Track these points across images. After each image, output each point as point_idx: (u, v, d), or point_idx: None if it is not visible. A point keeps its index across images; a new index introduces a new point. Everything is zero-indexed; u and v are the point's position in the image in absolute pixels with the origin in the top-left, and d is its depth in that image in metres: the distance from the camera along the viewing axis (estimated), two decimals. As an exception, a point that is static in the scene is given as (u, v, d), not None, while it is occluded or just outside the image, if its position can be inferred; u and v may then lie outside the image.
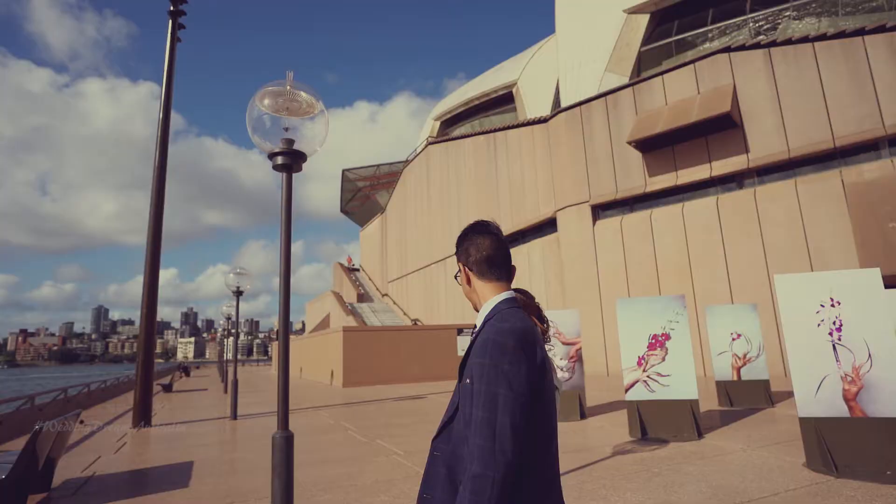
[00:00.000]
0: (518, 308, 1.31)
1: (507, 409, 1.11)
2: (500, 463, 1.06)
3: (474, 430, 1.12)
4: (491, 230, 1.42)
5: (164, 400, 16.05)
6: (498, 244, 1.40)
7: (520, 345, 1.18)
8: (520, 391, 1.13)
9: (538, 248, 22.32)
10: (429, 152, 32.45)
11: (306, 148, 3.94)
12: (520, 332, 1.20)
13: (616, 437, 6.84)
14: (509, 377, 1.13)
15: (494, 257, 1.38)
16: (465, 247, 1.42)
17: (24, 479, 4.60)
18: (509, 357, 1.15)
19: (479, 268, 1.38)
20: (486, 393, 1.13)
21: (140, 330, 10.70)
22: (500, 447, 1.07)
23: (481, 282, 1.39)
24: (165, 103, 11.06)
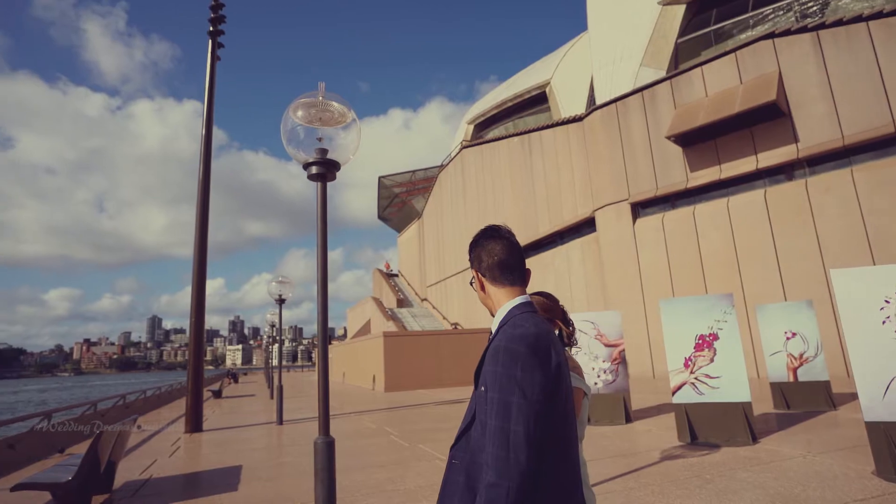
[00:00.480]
0: (532, 312, 1.29)
1: (520, 417, 1.09)
2: (515, 472, 1.05)
3: (489, 439, 1.10)
4: (502, 234, 1.40)
5: (215, 406, 16.63)
6: (510, 248, 1.38)
7: (531, 351, 1.15)
8: (533, 398, 1.11)
9: (577, 248, 21.95)
10: (463, 156, 32.49)
11: (340, 157, 4.00)
12: (532, 338, 1.17)
13: (664, 441, 6.61)
14: (522, 385, 1.11)
15: (506, 262, 1.36)
16: (476, 253, 1.40)
17: (89, 481, 4.85)
18: (521, 364, 1.13)
19: (491, 273, 1.36)
20: (500, 401, 1.11)
21: (190, 341, 11.14)
22: (514, 456, 1.06)
23: (495, 287, 1.37)
24: (207, 119, 11.52)
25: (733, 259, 15.83)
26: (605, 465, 5.52)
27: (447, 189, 35.03)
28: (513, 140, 27.01)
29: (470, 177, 31.50)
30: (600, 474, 5.15)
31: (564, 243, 23.06)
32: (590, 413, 8.23)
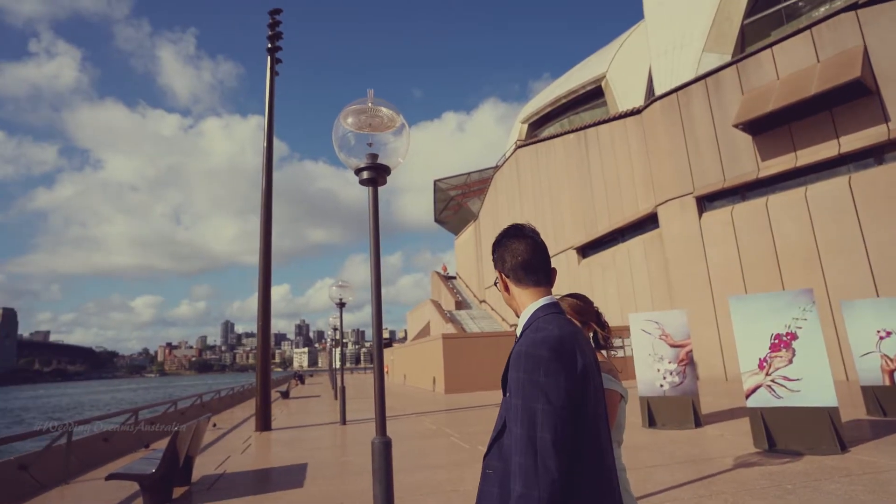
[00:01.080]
0: (557, 314, 1.23)
1: (547, 424, 1.04)
2: (545, 481, 1.00)
3: (515, 448, 1.06)
4: (526, 234, 1.35)
5: (283, 406, 17.37)
6: (534, 248, 1.33)
7: (555, 355, 1.10)
8: (559, 404, 1.06)
9: (639, 245, 21.14)
10: (518, 156, 32.18)
11: (390, 161, 4.07)
12: (554, 341, 1.12)
13: (738, 447, 6.21)
14: (546, 390, 1.07)
15: (530, 262, 1.31)
16: (500, 253, 1.36)
17: (170, 474, 5.21)
18: (544, 368, 1.08)
19: (515, 274, 1.32)
20: (524, 408, 1.07)
21: (258, 345, 11.70)
22: (542, 464, 1.01)
23: (519, 288, 1.32)
24: (268, 132, 12.08)
25: (813, 252, 14.67)
26: (672, 472, 5.26)
27: (502, 190, 34.82)
28: (568, 137, 26.45)
29: (525, 176, 31.14)
30: (667, 481, 4.92)
31: (625, 241, 22.28)
32: (656, 416, 7.92)
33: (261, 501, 5.11)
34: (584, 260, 25.30)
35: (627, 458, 6.06)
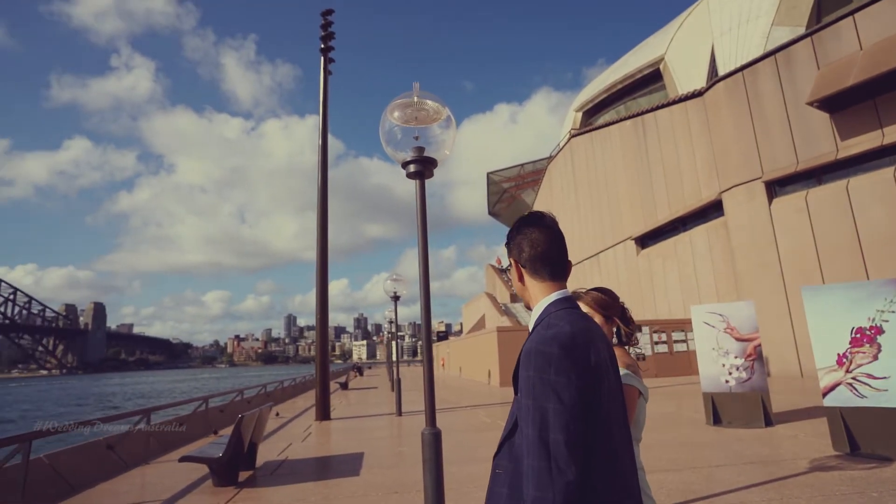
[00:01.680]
0: (570, 308, 1.18)
1: (558, 425, 0.99)
2: (559, 483, 0.96)
3: (526, 449, 1.02)
4: (547, 224, 1.29)
5: (342, 397, 17.93)
6: (554, 239, 1.27)
7: (565, 352, 1.05)
8: (571, 403, 1.01)
9: (702, 235, 20.12)
10: (572, 145, 31.42)
11: (437, 153, 4.06)
12: (565, 337, 1.07)
13: (814, 449, 5.79)
14: (557, 389, 1.02)
15: (550, 254, 1.25)
16: (517, 241, 1.29)
17: (235, 458, 5.50)
18: (555, 366, 1.03)
19: (532, 265, 1.26)
20: (535, 408, 1.02)
21: (316, 338, 12.12)
22: (556, 466, 0.97)
23: (534, 280, 1.26)
24: (323, 130, 12.42)
25: (903, 239, 13.40)
26: (739, 472, 4.98)
27: (557, 180, 34.14)
28: (625, 124, 25.51)
29: (580, 166, 30.37)
30: (733, 482, 4.66)
31: (687, 230, 21.26)
32: (721, 413, 7.52)
33: (320, 488, 5.29)
34: (644, 250, 24.39)
35: (690, 456, 5.80)
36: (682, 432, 7.28)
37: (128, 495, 5.30)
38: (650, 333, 17.96)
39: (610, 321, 1.82)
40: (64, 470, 5.63)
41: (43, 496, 4.98)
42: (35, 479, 4.93)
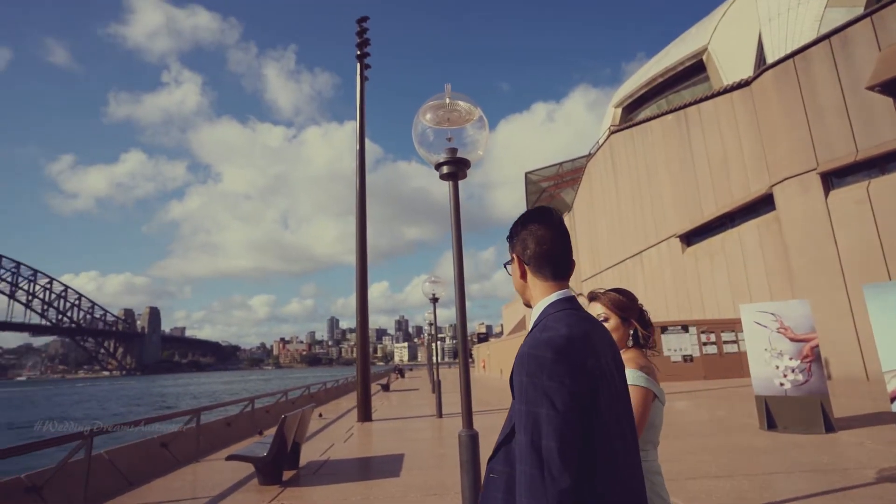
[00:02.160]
0: (570, 310, 1.13)
1: (551, 431, 0.96)
2: (552, 492, 0.92)
3: (519, 456, 0.99)
4: (555, 221, 1.25)
5: (383, 398, 18.13)
6: (561, 238, 1.23)
7: (559, 356, 1.01)
8: (564, 409, 0.97)
9: (752, 231, 19.24)
10: (612, 142, 30.73)
11: (470, 154, 4.05)
12: (560, 341, 1.03)
13: (882, 458, 5.41)
14: (550, 394, 0.98)
15: (555, 253, 1.21)
16: (522, 237, 1.25)
17: (279, 458, 5.64)
18: (548, 371, 1.00)
19: (537, 263, 1.22)
20: (528, 413, 0.99)
21: (357, 340, 12.31)
22: (549, 474, 0.93)
23: (536, 279, 1.22)
24: (360, 136, 12.61)
25: (979, 230, 12.39)
26: (796, 481, 4.71)
27: (596, 178, 33.47)
28: (667, 118, 24.73)
29: (620, 163, 29.65)
30: (789, 490, 4.41)
31: (735, 226, 20.39)
32: (776, 418, 7.14)
33: (361, 488, 5.35)
34: (689, 248, 23.56)
35: (742, 462, 5.54)
36: (733, 437, 6.96)
37: (181, 491, 5.52)
38: (697, 334, 17.32)
39: (627, 323, 1.79)
40: (122, 466, 5.93)
41: (103, 490, 5.26)
42: (96, 474, 5.20)
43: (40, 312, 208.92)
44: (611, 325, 1.76)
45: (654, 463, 1.62)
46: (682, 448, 6.38)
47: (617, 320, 1.77)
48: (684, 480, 4.88)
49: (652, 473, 1.58)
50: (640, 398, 1.57)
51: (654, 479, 1.58)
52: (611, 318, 1.77)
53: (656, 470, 1.61)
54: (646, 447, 1.60)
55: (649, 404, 1.60)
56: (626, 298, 1.81)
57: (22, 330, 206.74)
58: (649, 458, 1.60)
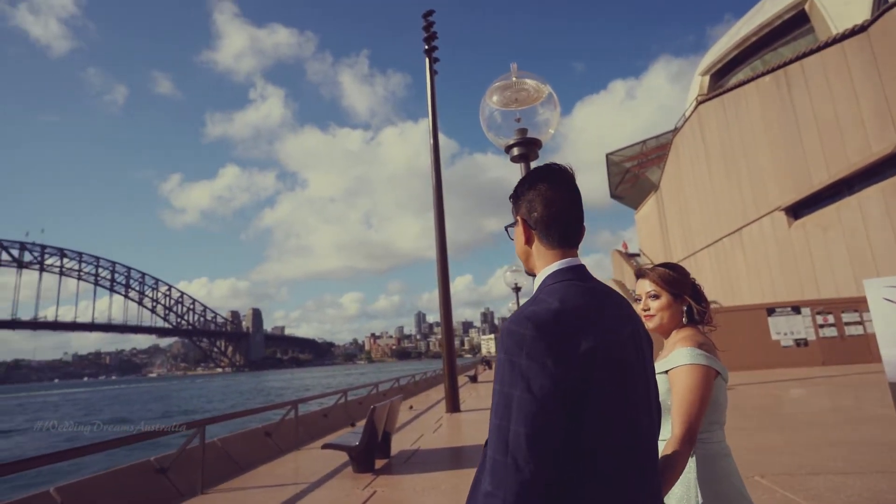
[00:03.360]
0: (571, 281, 1.00)
1: (521, 416, 0.85)
2: (513, 481, 0.82)
3: (489, 440, 0.89)
4: (567, 179, 1.10)
5: (471, 389, 18.24)
6: (573, 199, 1.09)
7: (541, 333, 0.89)
8: (542, 393, 0.86)
9: (876, 197, 17.01)
10: (700, 113, 28.56)
11: (540, 134, 3.89)
12: (546, 316, 0.91)
13: None
14: (527, 375, 0.87)
15: (564, 215, 1.07)
16: (528, 198, 1.10)
17: (371, 447, 5.83)
18: (527, 349, 0.88)
19: (545, 228, 1.07)
20: (501, 394, 0.89)
21: (442, 333, 12.45)
22: (512, 462, 0.83)
23: (542, 246, 1.08)
24: (433, 129, 12.69)
25: None
26: None
27: (684, 153, 31.30)
28: (763, 81, 22.52)
29: (711, 134, 27.48)
30: (940, 490, 3.81)
31: (854, 193, 18.14)
32: (916, 408, 6.22)
33: (450, 476, 5.39)
34: (797, 221, 21.33)
35: (876, 457, 4.88)
36: (863, 429, 6.19)
37: (284, 477, 5.89)
38: (812, 315, 15.64)
39: (679, 299, 1.66)
40: (233, 452, 6.44)
41: (217, 474, 5.74)
42: (210, 460, 5.69)
43: (163, 316, 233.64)
44: (661, 302, 1.65)
45: (720, 444, 1.51)
46: (802, 440, 5.78)
47: (668, 297, 1.65)
48: (805, 476, 4.40)
49: (718, 456, 1.48)
50: (700, 377, 1.46)
51: (720, 462, 1.47)
52: (661, 295, 1.65)
53: (723, 452, 1.50)
54: (710, 427, 1.50)
55: (711, 383, 1.48)
56: (676, 273, 1.68)
57: (150, 332, 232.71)
58: (714, 440, 1.50)
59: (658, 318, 1.64)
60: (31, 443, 24.11)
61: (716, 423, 1.52)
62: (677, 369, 1.48)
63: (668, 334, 1.67)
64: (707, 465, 1.44)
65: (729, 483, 1.45)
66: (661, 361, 1.55)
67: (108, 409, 42.88)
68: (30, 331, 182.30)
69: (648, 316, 1.65)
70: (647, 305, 1.67)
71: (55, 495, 4.20)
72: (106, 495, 4.51)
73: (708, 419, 1.48)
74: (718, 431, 1.52)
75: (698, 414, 1.38)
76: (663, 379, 1.51)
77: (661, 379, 1.50)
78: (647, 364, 1.04)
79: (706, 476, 1.42)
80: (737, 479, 1.48)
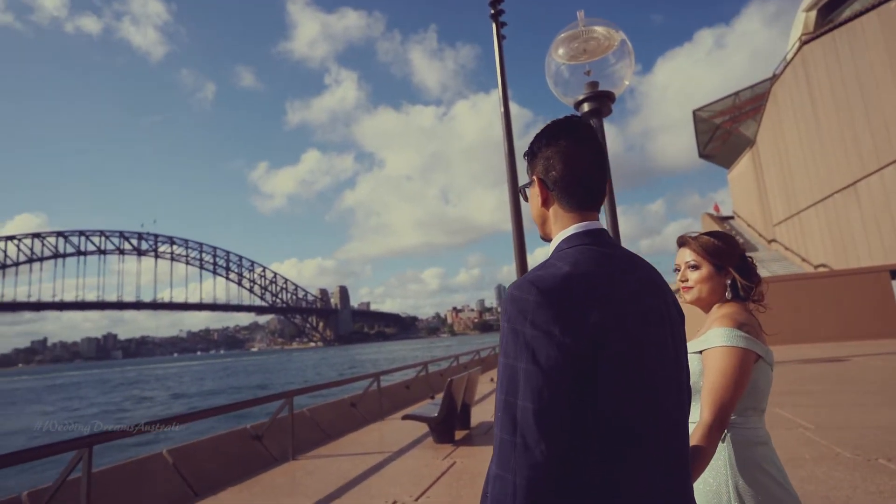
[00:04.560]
0: (588, 245, 0.90)
1: (528, 390, 0.77)
2: (523, 463, 0.74)
3: (496, 417, 0.81)
4: (589, 133, 0.97)
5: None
6: (596, 157, 0.96)
7: (547, 300, 0.80)
8: (549, 365, 0.77)
9: None
10: (804, 55, 25.42)
11: (613, 86, 3.57)
12: (552, 281, 0.82)
13: None
14: (533, 346, 0.78)
15: (587, 174, 0.96)
16: (546, 155, 0.97)
17: (450, 418, 5.89)
18: (532, 318, 0.80)
19: (564, 188, 0.96)
20: (505, 366, 0.81)
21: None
22: (521, 441, 0.75)
23: (560, 207, 0.97)
24: (503, 96, 12.30)
25: None
26: None
27: (786, 101, 28.14)
28: (888, 7, 19.56)
29: (818, 79, 24.42)
30: None
31: None
32: None
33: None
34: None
35: None
36: None
37: (369, 445, 6.13)
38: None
39: (722, 272, 1.50)
40: (320, 421, 6.80)
41: (307, 441, 6.09)
42: (300, 428, 6.04)
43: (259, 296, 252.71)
44: (701, 273, 1.51)
45: (756, 430, 1.39)
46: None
47: (709, 268, 1.50)
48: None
49: (752, 443, 1.36)
50: (735, 361, 1.32)
51: (756, 449, 1.36)
52: (702, 266, 1.51)
53: (759, 439, 1.38)
54: (745, 413, 1.38)
55: (749, 367, 1.34)
56: (722, 242, 1.51)
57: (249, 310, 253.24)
58: (748, 425, 1.38)
59: (696, 290, 1.50)
60: (161, 408, 27.42)
61: (752, 408, 1.40)
62: (711, 350, 1.36)
63: (708, 309, 1.53)
64: (740, 451, 1.35)
65: (763, 470, 1.34)
66: (696, 340, 1.42)
67: (218, 381, 47.56)
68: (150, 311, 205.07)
69: (686, 287, 1.53)
70: (685, 276, 1.53)
71: (167, 456, 4.65)
72: (209, 458, 4.94)
73: (742, 404, 1.37)
74: (755, 417, 1.41)
75: (731, 400, 1.29)
76: (697, 359, 1.40)
77: (695, 358, 1.40)
78: (677, 341, 0.93)
79: (739, 463, 1.33)
80: (773, 468, 1.37)
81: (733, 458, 1.33)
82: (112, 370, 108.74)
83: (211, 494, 4.38)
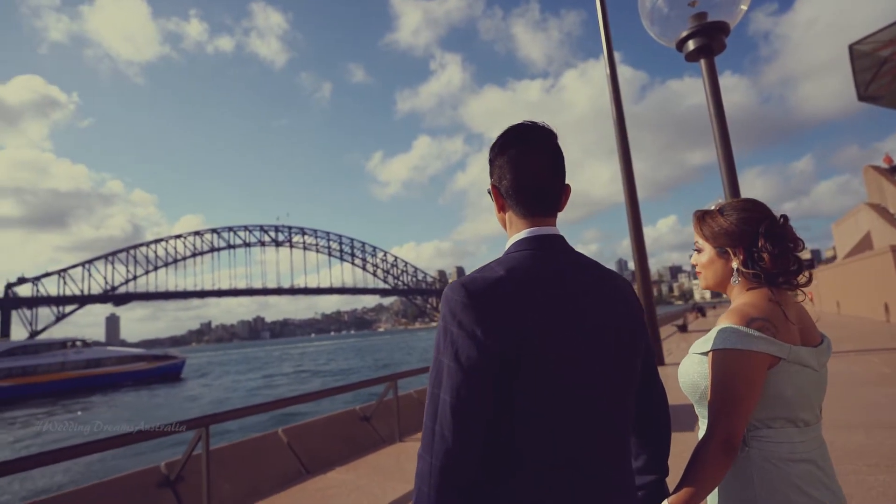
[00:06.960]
0: (534, 251, 0.93)
1: (448, 385, 0.82)
2: (439, 448, 0.82)
3: (426, 404, 0.88)
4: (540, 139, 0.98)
5: (680, 340, 16.62)
6: (546, 163, 0.97)
7: (472, 301, 0.84)
8: (468, 364, 0.82)
9: None
10: None
11: (727, 14, 2.99)
12: (482, 284, 0.86)
13: None
14: (457, 345, 0.83)
15: (535, 182, 0.97)
16: (498, 164, 1.00)
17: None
18: (459, 318, 0.84)
19: (514, 195, 0.98)
20: (435, 360, 0.87)
21: (637, 280, 11.44)
22: (439, 430, 0.82)
23: (513, 214, 1.00)
24: (609, 60, 11.34)
25: None
26: None
27: (981, 17, 22.60)
28: None
29: None
30: None
31: None
32: None
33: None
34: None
35: None
36: None
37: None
38: None
39: (724, 255, 1.25)
40: (428, 403, 6.88)
41: (413, 423, 6.19)
42: (406, 409, 6.14)
43: (382, 279, 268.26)
44: (703, 257, 1.29)
45: (794, 445, 1.13)
46: None
47: (711, 251, 1.28)
48: None
49: (787, 460, 1.11)
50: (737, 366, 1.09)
51: (792, 466, 1.11)
52: (704, 249, 1.30)
53: (798, 456, 1.12)
54: (772, 423, 1.14)
55: (757, 373, 1.10)
56: (726, 221, 1.23)
57: (374, 293, 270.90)
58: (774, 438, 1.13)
59: (703, 276, 1.31)
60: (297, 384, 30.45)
61: (784, 418, 1.15)
62: (712, 354, 1.14)
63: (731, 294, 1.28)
64: (767, 468, 1.12)
65: (801, 492, 1.09)
66: (701, 340, 1.20)
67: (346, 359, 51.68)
68: (289, 296, 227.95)
69: (698, 272, 1.34)
70: (694, 260, 1.34)
71: (282, 435, 4.97)
72: (321, 438, 5.20)
73: (766, 414, 1.14)
74: (790, 429, 1.14)
75: (734, 412, 1.08)
76: (700, 360, 1.19)
77: (698, 360, 1.19)
78: (623, 345, 0.93)
79: (764, 482, 1.11)
80: (819, 490, 1.11)
81: (754, 476, 1.12)
82: (263, 349, 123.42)
83: (321, 473, 4.59)
